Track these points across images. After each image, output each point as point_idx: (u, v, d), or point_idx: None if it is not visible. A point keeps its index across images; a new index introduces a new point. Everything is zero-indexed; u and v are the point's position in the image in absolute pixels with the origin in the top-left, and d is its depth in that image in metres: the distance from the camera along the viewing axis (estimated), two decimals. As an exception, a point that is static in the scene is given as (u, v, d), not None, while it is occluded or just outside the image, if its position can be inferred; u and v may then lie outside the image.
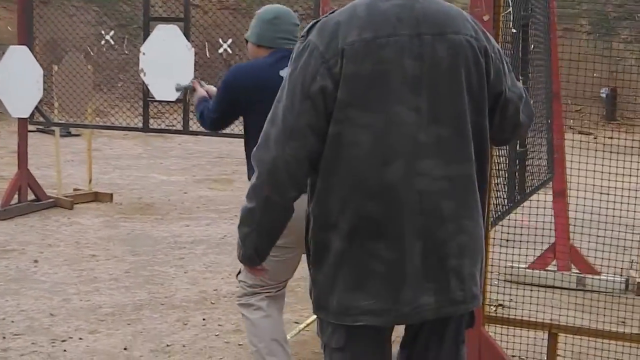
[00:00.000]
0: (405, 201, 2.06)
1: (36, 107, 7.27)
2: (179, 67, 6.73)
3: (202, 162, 10.55)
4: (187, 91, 4.32)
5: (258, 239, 2.24)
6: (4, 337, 4.39)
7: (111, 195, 7.98)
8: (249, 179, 3.67)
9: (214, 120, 3.67)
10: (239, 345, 4.39)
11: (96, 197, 7.95)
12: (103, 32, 9.82)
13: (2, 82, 7.24)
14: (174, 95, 6.88)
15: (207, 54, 6.88)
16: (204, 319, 4.78)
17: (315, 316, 2.31)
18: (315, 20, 2.18)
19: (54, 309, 4.86)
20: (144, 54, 6.91)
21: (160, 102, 7.09)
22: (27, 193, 7.38)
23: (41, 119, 7.47)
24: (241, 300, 3.67)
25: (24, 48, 7.15)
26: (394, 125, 2.05)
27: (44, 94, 7.37)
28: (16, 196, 7.30)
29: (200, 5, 12.21)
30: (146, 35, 6.98)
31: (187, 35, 6.81)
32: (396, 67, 2.05)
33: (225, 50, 6.62)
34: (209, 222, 7.26)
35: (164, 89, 6.87)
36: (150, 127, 7.14)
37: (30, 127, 13.43)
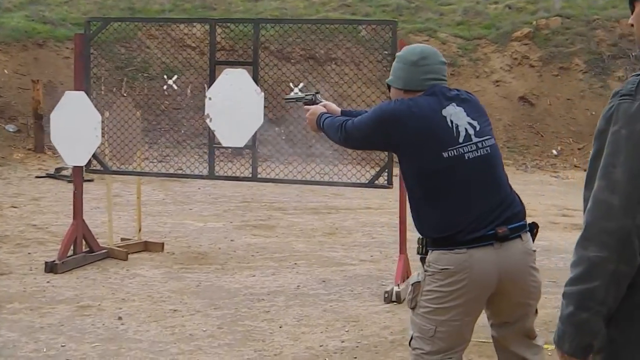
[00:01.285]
0: None
1: (93, 155, 6.98)
2: (248, 112, 6.53)
3: (231, 207, 10.27)
4: (297, 103, 4.13)
5: (599, 323, 2.02)
6: (135, 406, 4.10)
7: (162, 244, 7.69)
8: (419, 232, 3.46)
9: (356, 140, 3.49)
10: (381, 407, 4.17)
11: (146, 246, 7.65)
12: (166, 76, 9.53)
13: (57, 129, 6.94)
14: (242, 142, 6.66)
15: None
16: (328, 379, 4.55)
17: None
18: (638, 76, 2.06)
19: (168, 372, 4.58)
20: (210, 99, 6.69)
21: (226, 148, 6.85)
22: (82, 244, 7.06)
23: (97, 167, 7.13)
24: None
25: (82, 94, 6.87)
26: None
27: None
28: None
29: (266, 49, 11.90)
30: (212, 80, 6.77)
31: (255, 79, 6.62)
32: None
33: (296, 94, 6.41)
34: (273, 272, 7.01)
35: (231, 135, 6.66)
36: (217, 174, 6.87)
37: (39, 173, 13.28)
